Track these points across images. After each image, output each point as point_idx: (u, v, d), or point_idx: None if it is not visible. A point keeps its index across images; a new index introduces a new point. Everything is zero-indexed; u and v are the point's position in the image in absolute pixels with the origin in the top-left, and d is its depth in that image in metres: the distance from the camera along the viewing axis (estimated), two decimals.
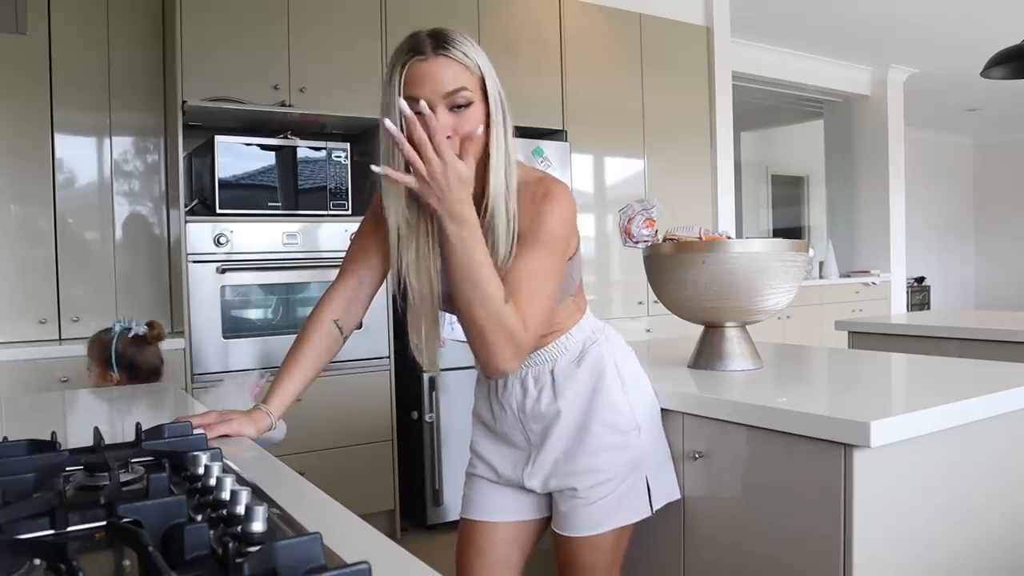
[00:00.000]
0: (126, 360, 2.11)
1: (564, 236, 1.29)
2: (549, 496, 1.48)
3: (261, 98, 3.15)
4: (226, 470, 0.96)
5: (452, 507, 3.33)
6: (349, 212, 3.25)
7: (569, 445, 1.41)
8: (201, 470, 0.92)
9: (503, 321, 1.20)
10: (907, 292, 6.82)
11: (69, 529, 0.79)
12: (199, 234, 2.97)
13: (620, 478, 1.41)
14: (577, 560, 1.44)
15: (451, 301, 1.26)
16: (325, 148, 3.22)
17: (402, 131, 1.14)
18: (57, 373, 2.78)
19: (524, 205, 1.29)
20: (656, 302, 2.01)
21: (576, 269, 1.40)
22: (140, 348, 2.15)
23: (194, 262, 2.96)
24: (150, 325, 2.20)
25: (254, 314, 3.16)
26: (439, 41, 1.21)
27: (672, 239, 1.73)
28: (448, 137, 1.18)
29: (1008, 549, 1.51)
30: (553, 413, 1.40)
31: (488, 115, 1.24)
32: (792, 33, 5.46)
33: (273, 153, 3.14)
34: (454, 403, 3.34)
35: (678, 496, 1.53)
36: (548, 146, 3.76)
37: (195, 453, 0.97)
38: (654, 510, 1.46)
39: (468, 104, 1.21)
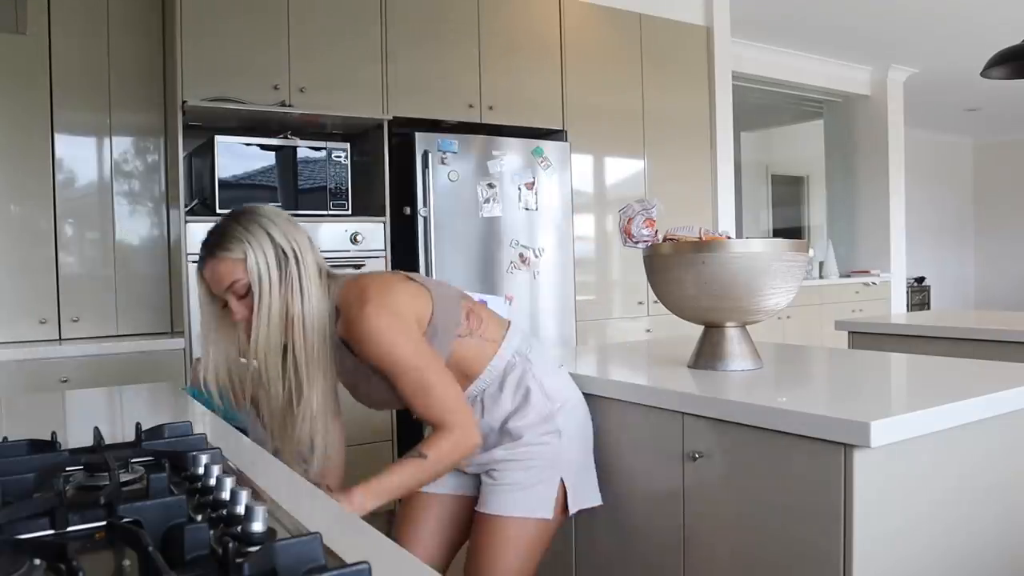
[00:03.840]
0: None
1: (408, 343, 1.40)
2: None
3: (261, 98, 3.15)
4: (226, 470, 0.96)
5: None
6: (349, 212, 3.25)
7: (496, 440, 1.55)
8: (201, 470, 0.92)
9: (451, 456, 1.41)
10: (907, 292, 6.82)
11: (69, 529, 0.79)
12: (199, 234, 2.94)
13: (536, 469, 1.52)
14: (480, 540, 1.53)
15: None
16: (325, 148, 3.21)
17: None
18: (57, 373, 2.78)
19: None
20: (656, 302, 2.01)
21: (441, 332, 1.46)
22: None
23: (194, 262, 2.94)
24: None
25: None
26: (210, 243, 1.44)
27: (672, 239, 1.73)
28: (241, 320, 1.40)
29: (1007, 549, 1.51)
30: (483, 425, 1.54)
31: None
32: (792, 33, 5.46)
33: (273, 153, 3.13)
34: None
35: (599, 502, 1.63)
36: (548, 146, 3.75)
37: (195, 453, 0.97)
38: (571, 514, 1.57)
39: (248, 291, 1.40)
